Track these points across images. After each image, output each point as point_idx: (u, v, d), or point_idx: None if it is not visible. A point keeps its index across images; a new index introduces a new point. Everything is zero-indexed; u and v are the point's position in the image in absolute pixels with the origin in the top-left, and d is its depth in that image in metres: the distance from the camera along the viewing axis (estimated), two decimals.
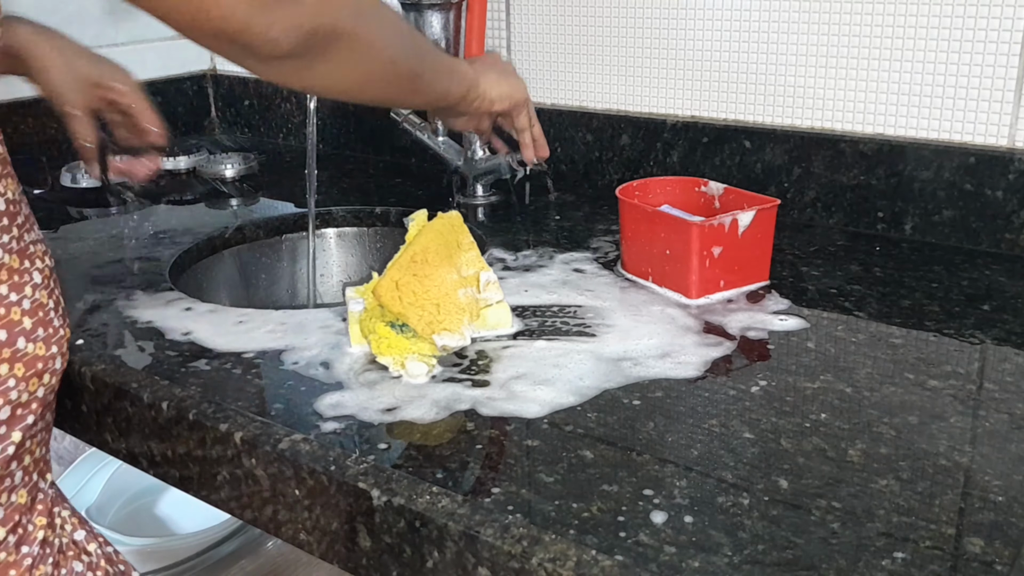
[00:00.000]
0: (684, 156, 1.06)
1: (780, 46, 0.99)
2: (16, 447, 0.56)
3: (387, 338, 0.69)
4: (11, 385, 0.55)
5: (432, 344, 0.69)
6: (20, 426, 0.56)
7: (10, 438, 0.56)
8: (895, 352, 0.69)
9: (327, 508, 0.57)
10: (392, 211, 1.11)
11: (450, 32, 1.09)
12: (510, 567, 0.49)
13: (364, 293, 0.75)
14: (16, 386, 0.56)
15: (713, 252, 0.79)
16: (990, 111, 0.89)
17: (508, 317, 0.74)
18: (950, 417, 0.60)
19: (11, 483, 0.57)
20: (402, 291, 0.69)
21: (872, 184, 0.95)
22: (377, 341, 0.69)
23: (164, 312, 0.80)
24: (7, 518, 0.57)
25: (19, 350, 0.56)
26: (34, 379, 0.57)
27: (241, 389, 0.67)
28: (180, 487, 0.68)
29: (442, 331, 0.69)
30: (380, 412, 0.63)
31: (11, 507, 0.57)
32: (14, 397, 0.56)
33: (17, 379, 0.56)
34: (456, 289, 0.72)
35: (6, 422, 0.55)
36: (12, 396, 0.56)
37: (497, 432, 0.60)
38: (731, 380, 0.66)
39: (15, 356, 0.56)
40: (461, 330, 0.70)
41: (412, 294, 0.70)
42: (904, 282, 0.83)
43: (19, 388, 0.56)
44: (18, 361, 0.56)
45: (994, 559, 0.47)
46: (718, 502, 0.52)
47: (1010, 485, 0.53)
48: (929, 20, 0.90)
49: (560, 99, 1.16)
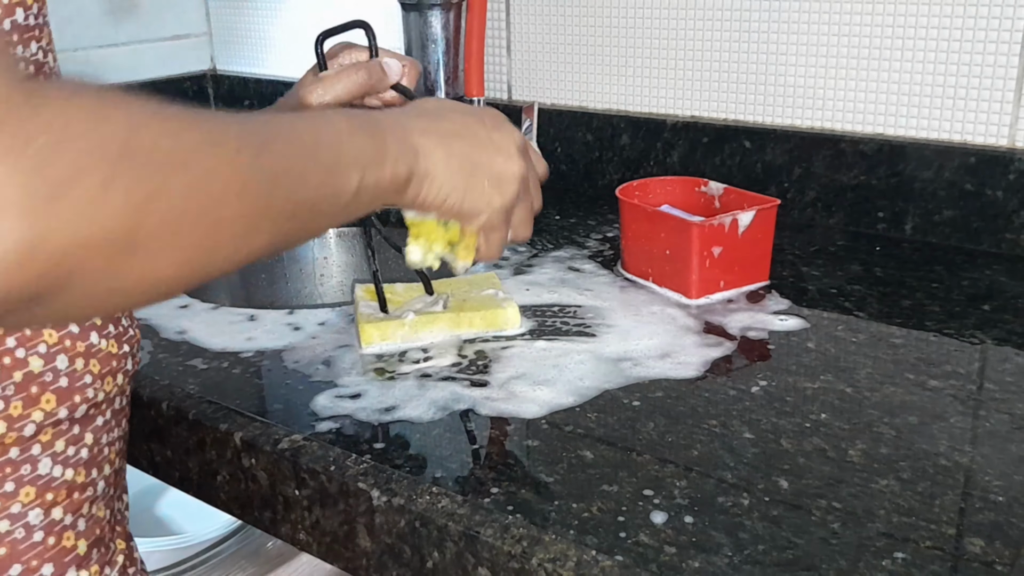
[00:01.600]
0: (684, 156, 1.06)
1: (780, 46, 0.99)
2: (88, 450, 0.55)
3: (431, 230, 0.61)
4: (88, 382, 0.54)
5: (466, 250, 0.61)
6: (91, 427, 0.55)
7: (83, 440, 0.54)
8: (895, 352, 0.69)
9: (327, 508, 0.57)
10: (392, 211, 1.11)
11: (450, 32, 1.10)
12: (510, 567, 0.49)
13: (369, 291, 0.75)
14: (92, 383, 0.54)
15: (713, 252, 0.79)
16: (990, 111, 0.89)
17: (517, 316, 0.75)
18: (950, 417, 0.60)
19: (93, 493, 0.55)
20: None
21: (872, 184, 0.95)
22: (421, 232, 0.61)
23: (158, 310, 0.80)
24: (88, 531, 0.55)
25: (93, 345, 0.54)
26: (108, 377, 0.55)
27: (241, 389, 0.67)
28: (180, 487, 0.68)
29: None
30: (379, 412, 0.63)
31: (91, 519, 0.55)
32: (91, 395, 0.54)
33: (93, 376, 0.54)
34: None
35: (79, 421, 0.54)
36: (89, 394, 0.54)
37: (497, 432, 0.60)
38: (731, 380, 0.66)
39: (90, 351, 0.54)
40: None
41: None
42: (905, 282, 0.83)
43: (95, 386, 0.54)
44: (93, 357, 0.54)
45: (994, 559, 0.47)
46: (718, 502, 0.52)
47: (1010, 485, 0.53)
48: (929, 20, 0.90)
49: (560, 99, 1.16)
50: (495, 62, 1.20)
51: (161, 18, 1.45)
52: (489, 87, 1.21)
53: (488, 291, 0.78)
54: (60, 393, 0.52)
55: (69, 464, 0.53)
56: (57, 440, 0.52)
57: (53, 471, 0.52)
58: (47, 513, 0.52)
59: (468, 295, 0.77)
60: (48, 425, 0.52)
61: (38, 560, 0.52)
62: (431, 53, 1.10)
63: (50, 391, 0.51)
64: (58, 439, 0.53)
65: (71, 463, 0.53)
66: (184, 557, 1.11)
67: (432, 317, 0.73)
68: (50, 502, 0.52)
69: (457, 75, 1.12)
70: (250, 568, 1.14)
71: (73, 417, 0.53)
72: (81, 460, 0.54)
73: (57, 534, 0.53)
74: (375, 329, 0.72)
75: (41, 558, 0.52)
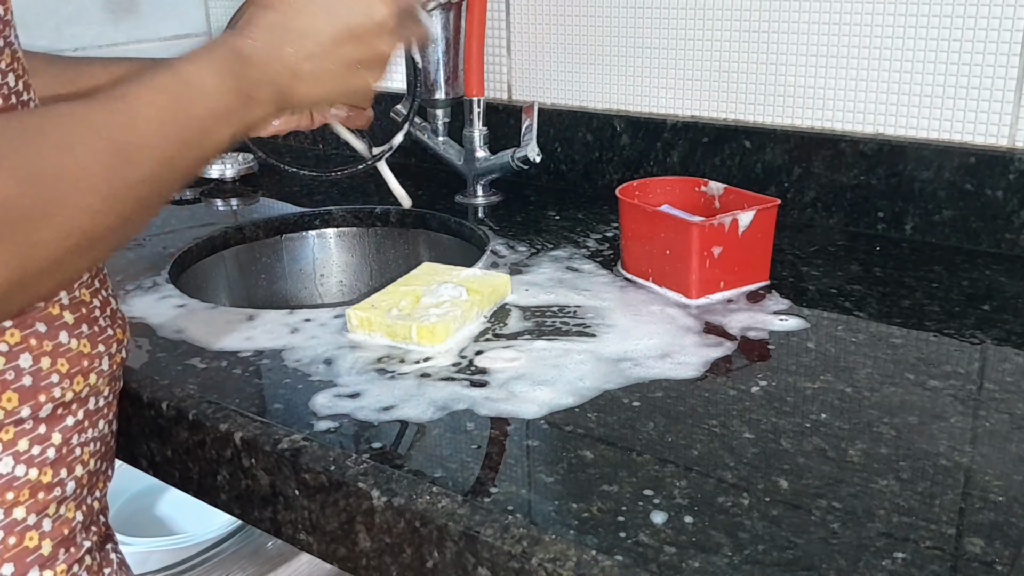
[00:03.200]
0: (684, 156, 1.06)
1: (780, 46, 0.99)
2: (56, 450, 0.54)
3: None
4: (54, 381, 0.53)
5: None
6: (59, 427, 0.54)
7: (50, 439, 0.54)
8: (895, 352, 0.69)
9: (327, 508, 0.57)
10: (392, 211, 1.11)
11: (450, 32, 1.10)
12: (510, 567, 0.49)
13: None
14: (60, 383, 0.53)
15: (713, 252, 0.79)
16: (990, 111, 0.89)
17: (507, 283, 0.80)
18: (950, 417, 0.60)
19: (61, 493, 0.54)
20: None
21: (872, 184, 0.95)
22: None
23: (157, 307, 0.80)
24: (55, 531, 0.54)
25: (61, 344, 0.53)
26: (78, 377, 0.55)
27: (240, 389, 0.67)
28: (180, 487, 0.68)
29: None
30: (378, 411, 0.63)
31: (59, 520, 0.55)
32: (57, 395, 0.53)
33: (60, 375, 0.53)
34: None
35: (46, 420, 0.53)
36: (55, 394, 0.53)
37: (497, 432, 0.60)
38: (731, 380, 0.66)
39: (57, 350, 0.53)
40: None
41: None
42: (904, 282, 0.83)
43: (62, 385, 0.53)
44: (61, 356, 0.53)
45: (994, 559, 0.47)
46: (718, 502, 0.52)
47: (1010, 485, 0.53)
48: (929, 20, 0.90)
49: (560, 99, 1.16)
50: (495, 62, 1.20)
51: (161, 18, 1.45)
52: (489, 87, 1.21)
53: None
54: (23, 392, 0.51)
55: (34, 463, 0.52)
56: (20, 439, 0.52)
57: (15, 470, 0.52)
58: (8, 512, 0.51)
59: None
60: (9, 423, 0.51)
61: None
62: (431, 53, 1.10)
63: (11, 389, 0.51)
64: (21, 438, 0.52)
65: (36, 463, 0.53)
66: (184, 557, 1.11)
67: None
68: (11, 501, 0.51)
69: (457, 75, 1.12)
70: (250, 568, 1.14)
71: (38, 416, 0.52)
72: (48, 460, 0.53)
73: (19, 534, 0.52)
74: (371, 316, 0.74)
75: (1, 558, 0.51)
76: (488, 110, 1.15)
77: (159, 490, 1.26)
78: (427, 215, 1.09)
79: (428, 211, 1.08)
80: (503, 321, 0.76)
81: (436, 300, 0.76)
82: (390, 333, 0.73)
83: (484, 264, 0.90)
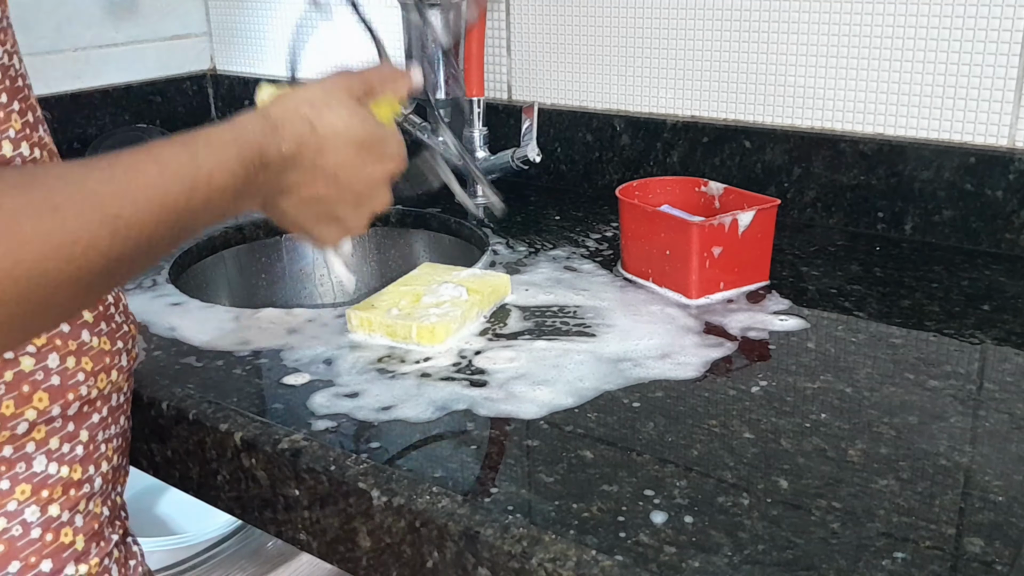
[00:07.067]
0: (684, 156, 1.06)
1: (780, 46, 0.99)
2: (84, 447, 0.55)
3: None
4: (80, 379, 0.54)
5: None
6: (86, 424, 0.55)
7: (78, 437, 0.55)
8: (895, 352, 0.69)
9: (327, 508, 0.57)
10: (392, 211, 1.11)
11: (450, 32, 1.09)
12: (510, 567, 0.49)
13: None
14: (85, 380, 0.54)
15: (713, 252, 0.79)
16: (990, 111, 0.89)
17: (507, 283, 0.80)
18: (950, 417, 0.60)
19: (90, 489, 0.56)
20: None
21: (872, 184, 0.95)
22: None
23: (152, 306, 0.80)
24: (86, 527, 0.55)
25: (84, 342, 0.54)
26: (101, 374, 0.56)
27: (240, 388, 0.67)
28: (180, 487, 0.68)
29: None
30: (377, 411, 0.63)
31: (89, 515, 0.56)
32: (84, 393, 0.54)
33: (86, 373, 0.54)
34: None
35: (73, 418, 0.54)
36: (82, 392, 0.54)
37: (496, 432, 0.60)
38: (731, 380, 0.66)
39: (81, 349, 0.54)
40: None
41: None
42: (904, 282, 0.83)
43: (88, 383, 0.55)
44: (85, 355, 0.54)
45: (994, 559, 0.47)
46: (718, 502, 0.52)
47: (1010, 485, 0.53)
48: (929, 20, 0.90)
49: (560, 99, 1.16)
50: (495, 62, 1.20)
51: (161, 18, 1.45)
52: (489, 87, 1.21)
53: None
54: (52, 391, 0.52)
55: (64, 461, 0.54)
56: (51, 438, 0.53)
57: (48, 468, 0.53)
58: (44, 510, 0.52)
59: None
60: (41, 423, 0.52)
61: (36, 556, 0.52)
62: (431, 53, 1.10)
63: (42, 389, 0.52)
64: (52, 436, 0.53)
65: (66, 460, 0.54)
66: (184, 557, 1.11)
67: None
68: (46, 499, 0.53)
69: (457, 75, 1.12)
70: (250, 568, 1.14)
71: (67, 414, 0.54)
72: (77, 457, 0.54)
73: (55, 530, 0.53)
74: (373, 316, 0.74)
75: (39, 554, 0.52)
76: (488, 110, 1.15)
77: (159, 490, 1.26)
78: (427, 215, 1.09)
79: (428, 211, 1.08)
80: (503, 321, 0.76)
81: (436, 300, 0.76)
82: (390, 333, 0.73)
83: (484, 264, 0.90)
